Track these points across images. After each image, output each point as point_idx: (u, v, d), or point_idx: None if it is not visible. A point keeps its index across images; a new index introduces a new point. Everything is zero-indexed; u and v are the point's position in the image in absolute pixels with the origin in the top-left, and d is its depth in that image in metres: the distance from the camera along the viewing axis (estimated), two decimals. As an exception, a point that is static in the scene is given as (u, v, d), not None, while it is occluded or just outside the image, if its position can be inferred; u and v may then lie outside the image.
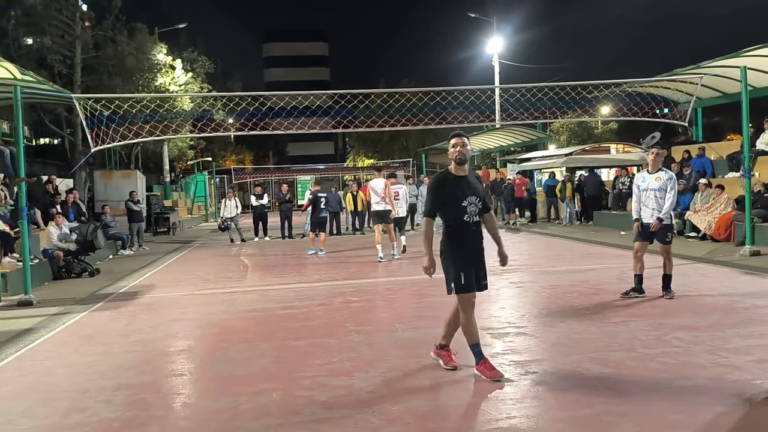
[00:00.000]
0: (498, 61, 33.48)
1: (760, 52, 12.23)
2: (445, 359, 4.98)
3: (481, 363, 4.73)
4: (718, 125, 46.25)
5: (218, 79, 38.89)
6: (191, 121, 23.63)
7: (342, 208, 19.58)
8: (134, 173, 23.08)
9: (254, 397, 4.49)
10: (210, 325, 7.06)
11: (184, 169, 41.99)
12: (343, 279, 10.17)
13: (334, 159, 72.91)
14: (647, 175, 7.47)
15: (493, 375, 4.65)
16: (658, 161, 7.47)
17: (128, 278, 11.28)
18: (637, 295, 7.49)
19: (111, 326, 7.23)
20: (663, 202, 7.32)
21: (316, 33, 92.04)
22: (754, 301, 6.96)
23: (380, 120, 13.46)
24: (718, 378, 4.50)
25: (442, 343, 5.05)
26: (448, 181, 4.83)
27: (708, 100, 17.88)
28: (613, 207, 18.39)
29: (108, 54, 23.61)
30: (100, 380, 5.07)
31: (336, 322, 6.85)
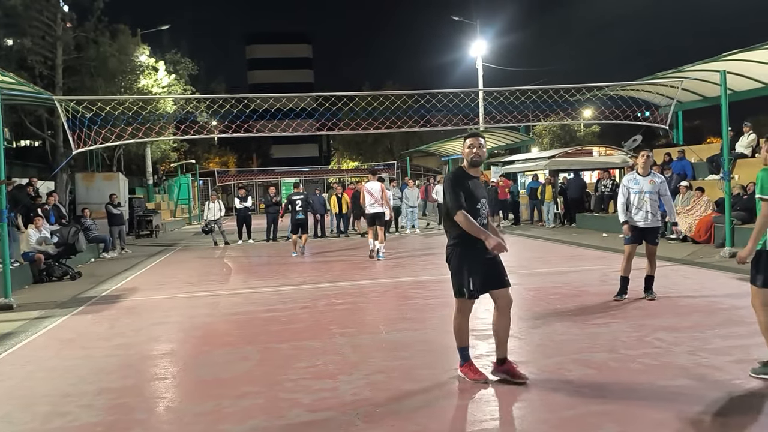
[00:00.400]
0: (481, 64, 33.64)
1: (739, 57, 12.43)
2: (512, 373, 4.61)
3: (466, 365, 4.72)
4: (698, 128, 46.83)
5: (202, 81, 38.73)
6: (174, 124, 23.47)
7: (327, 211, 19.57)
8: (116, 176, 22.86)
9: (237, 401, 4.47)
10: (193, 328, 7.01)
11: (167, 171, 41.69)
12: (327, 281, 10.16)
13: (318, 161, 72.79)
14: (639, 178, 7.47)
15: (477, 378, 4.65)
16: (648, 163, 7.53)
17: (110, 281, 11.18)
18: (625, 296, 7.51)
19: (93, 330, 7.15)
20: (656, 204, 7.39)
21: (300, 35, 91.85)
22: (733, 302, 7.06)
23: (364, 122, 13.48)
24: (698, 378, 4.56)
25: (500, 357, 4.70)
26: (466, 179, 4.64)
27: (688, 103, 18.12)
28: (595, 209, 18.56)
29: (90, 55, 23.36)
30: (81, 384, 5.01)
31: (320, 325, 6.84)
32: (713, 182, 14.43)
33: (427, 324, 6.67)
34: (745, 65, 13.33)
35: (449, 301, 7.96)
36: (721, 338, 5.58)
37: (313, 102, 32.77)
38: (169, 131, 22.33)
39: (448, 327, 6.47)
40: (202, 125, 21.51)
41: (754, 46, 11.93)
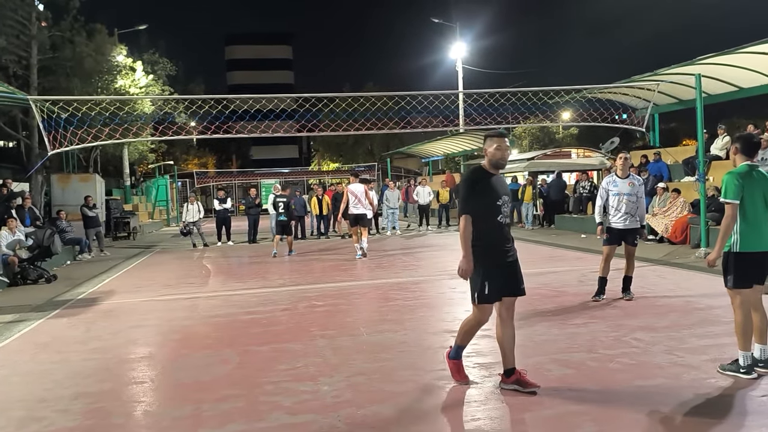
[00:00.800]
0: (461, 66, 33.81)
1: (713, 60, 12.65)
2: (523, 382, 4.43)
3: (455, 363, 4.65)
4: (674, 131, 47.46)
5: (180, 82, 38.38)
6: (152, 124, 23.23)
7: (307, 212, 19.51)
8: (93, 177, 22.55)
9: (217, 404, 4.43)
10: (171, 331, 6.94)
11: (145, 172, 41.25)
12: (307, 283, 10.12)
13: (298, 163, 72.61)
14: (618, 180, 7.57)
15: (460, 379, 4.63)
16: (626, 165, 7.63)
17: (87, 284, 11.02)
18: (603, 297, 7.59)
19: (69, 333, 7.04)
20: (635, 206, 7.49)
21: (279, 36, 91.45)
22: (709, 302, 7.17)
23: (345, 124, 13.48)
24: (675, 377, 4.62)
25: (508, 369, 4.50)
26: (485, 178, 4.46)
27: (664, 106, 18.39)
28: (573, 211, 18.74)
29: (66, 55, 23.02)
30: (57, 389, 4.94)
31: (300, 327, 6.81)
32: (689, 184, 14.65)
33: (407, 325, 6.67)
34: (720, 69, 13.58)
35: (429, 302, 8.02)
36: (696, 337, 5.67)
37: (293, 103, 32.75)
38: (147, 132, 22.12)
39: (428, 328, 6.51)
40: (181, 126, 21.30)
41: (727, 51, 12.17)
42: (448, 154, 33.08)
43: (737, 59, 12.82)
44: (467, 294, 8.62)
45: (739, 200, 4.52)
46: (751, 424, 3.73)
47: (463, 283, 9.55)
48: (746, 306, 4.56)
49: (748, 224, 4.53)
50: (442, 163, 39.39)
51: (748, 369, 4.51)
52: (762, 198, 4.56)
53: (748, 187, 4.53)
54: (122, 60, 26.99)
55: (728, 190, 4.56)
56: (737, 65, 13.19)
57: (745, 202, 4.53)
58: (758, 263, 4.58)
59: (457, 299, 8.22)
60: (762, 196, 4.57)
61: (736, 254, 4.56)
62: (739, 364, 4.55)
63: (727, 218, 4.53)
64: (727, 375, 4.56)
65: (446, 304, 7.97)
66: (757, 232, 4.54)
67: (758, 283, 4.63)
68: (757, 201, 4.55)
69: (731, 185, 4.55)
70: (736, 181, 4.54)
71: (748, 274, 4.56)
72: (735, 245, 4.56)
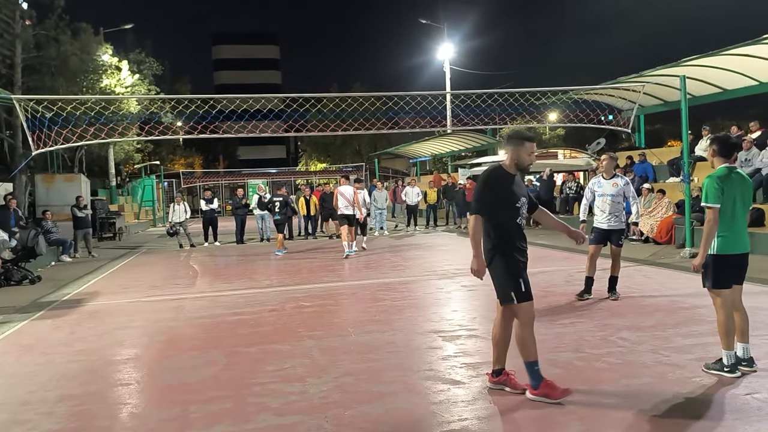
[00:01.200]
0: (449, 67, 33.89)
1: (698, 62, 12.77)
2: (511, 384, 4.41)
3: (543, 385, 4.20)
4: (659, 132, 47.94)
5: (166, 81, 38.14)
6: (138, 124, 23.06)
7: (294, 213, 19.45)
8: (78, 177, 22.34)
9: (204, 406, 4.41)
10: (158, 332, 6.89)
11: (131, 172, 40.94)
12: (295, 284, 10.10)
13: (286, 163, 72.41)
14: (603, 181, 7.66)
15: (562, 395, 4.16)
16: (611, 166, 7.69)
17: (72, 285, 10.92)
18: (589, 296, 7.66)
19: (53, 335, 6.97)
20: (619, 207, 7.56)
21: (267, 36, 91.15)
22: (694, 301, 7.23)
23: (332, 124, 13.47)
24: (660, 376, 4.66)
25: (497, 368, 4.46)
26: (505, 178, 4.35)
27: (650, 107, 18.54)
28: (560, 211, 18.83)
29: (50, 54, 22.78)
30: (41, 391, 4.89)
31: (288, 328, 6.79)
32: (674, 184, 14.78)
33: (395, 326, 6.68)
34: (704, 71, 13.72)
35: (417, 302, 8.03)
36: (682, 336, 5.72)
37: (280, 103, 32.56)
38: (133, 132, 21.93)
39: (416, 329, 6.52)
40: (167, 126, 21.17)
41: (711, 53, 12.29)
42: (436, 154, 33.17)
43: (721, 61, 12.96)
44: (453, 293, 8.67)
45: (719, 204, 4.55)
46: (736, 422, 3.77)
47: (450, 282, 9.62)
48: (728, 306, 4.62)
49: (727, 227, 4.59)
50: (430, 164, 39.48)
51: (732, 368, 4.56)
52: (741, 200, 4.62)
53: (727, 190, 4.57)
54: (108, 59, 26.75)
55: (709, 194, 4.59)
56: (721, 67, 13.34)
57: (725, 205, 4.57)
58: (736, 265, 4.66)
59: (443, 299, 8.25)
60: (741, 198, 4.62)
61: (714, 256, 4.62)
62: (723, 363, 4.60)
63: (709, 222, 4.59)
64: (712, 374, 4.61)
65: (434, 304, 7.98)
66: (735, 234, 4.60)
67: (737, 284, 4.70)
68: (735, 204, 4.60)
69: (711, 189, 4.58)
70: (715, 185, 4.57)
71: (727, 276, 4.63)
72: (714, 248, 4.61)
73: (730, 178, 4.61)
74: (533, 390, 4.21)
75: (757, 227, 11.53)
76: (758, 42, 11.33)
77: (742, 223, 4.65)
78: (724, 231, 4.59)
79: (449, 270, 10.91)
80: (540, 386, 4.18)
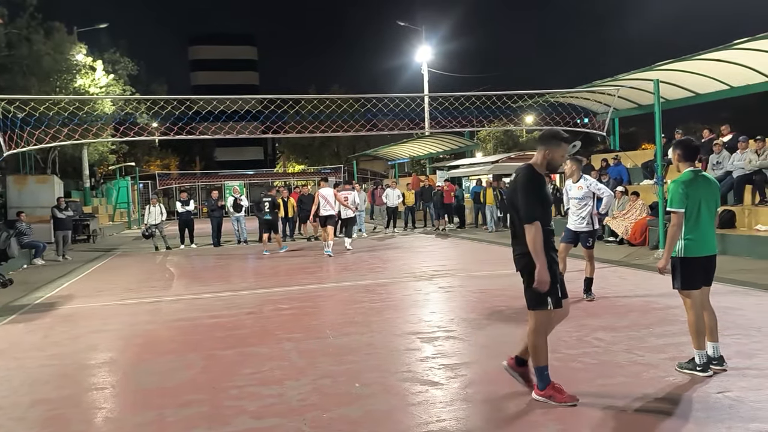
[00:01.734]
0: (427, 69, 34.01)
1: (671, 67, 12.99)
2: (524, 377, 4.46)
3: (549, 387, 4.19)
4: (633, 135, 48.65)
5: (142, 82, 37.67)
6: (113, 125, 22.77)
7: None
8: (51, 178, 22.00)
9: (180, 409, 4.36)
10: (133, 335, 6.81)
11: (106, 174, 40.38)
12: (272, 286, 10.05)
13: (263, 165, 72.00)
14: (571, 184, 7.83)
15: (568, 400, 4.13)
16: (574, 169, 7.77)
17: (44, 289, 10.73)
18: None
19: (26, 339, 6.85)
20: (587, 209, 7.66)
21: (245, 36, 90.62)
22: (667, 302, 7.35)
23: (311, 125, 13.43)
24: (634, 376, 4.73)
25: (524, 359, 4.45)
26: (542, 180, 4.20)
27: (624, 111, 18.80)
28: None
29: (22, 53, 22.40)
30: (13, 396, 4.80)
31: (266, 330, 6.76)
32: (647, 187, 15.00)
33: (373, 327, 6.68)
34: (677, 75, 13.96)
35: (396, 304, 8.05)
36: (655, 337, 5.81)
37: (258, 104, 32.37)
38: (108, 133, 21.66)
39: (395, 330, 6.53)
40: (143, 127, 20.91)
41: (684, 57, 12.51)
42: (414, 156, 33.23)
43: (694, 66, 13.19)
44: (432, 294, 8.70)
45: (684, 209, 4.64)
46: (708, 420, 3.84)
47: (429, 284, 9.65)
48: (697, 307, 4.71)
49: (692, 230, 4.67)
50: (408, 166, 39.56)
51: (704, 367, 4.64)
52: (706, 203, 4.71)
53: (692, 194, 4.65)
54: (82, 59, 26.37)
55: (673, 199, 4.68)
56: (694, 71, 13.57)
57: (689, 208, 4.65)
58: (704, 267, 4.75)
59: (422, 300, 8.28)
60: (706, 201, 4.70)
61: (682, 259, 4.71)
62: (695, 363, 4.68)
63: (673, 227, 4.67)
64: (685, 373, 4.69)
65: (412, 305, 8.00)
66: (701, 237, 4.69)
67: (705, 285, 4.81)
68: (701, 207, 4.68)
69: (676, 194, 4.67)
70: (680, 190, 4.66)
71: (695, 278, 4.72)
72: (681, 251, 4.70)
73: (696, 182, 4.70)
74: (539, 391, 4.22)
75: (729, 229, 11.77)
76: (730, 47, 11.57)
77: (709, 225, 4.72)
78: (690, 234, 4.68)
79: (427, 272, 10.95)
80: (546, 388, 4.18)
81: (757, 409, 3.97)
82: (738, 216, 12.03)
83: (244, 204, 19.37)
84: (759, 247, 10.57)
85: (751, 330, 5.92)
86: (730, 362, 4.85)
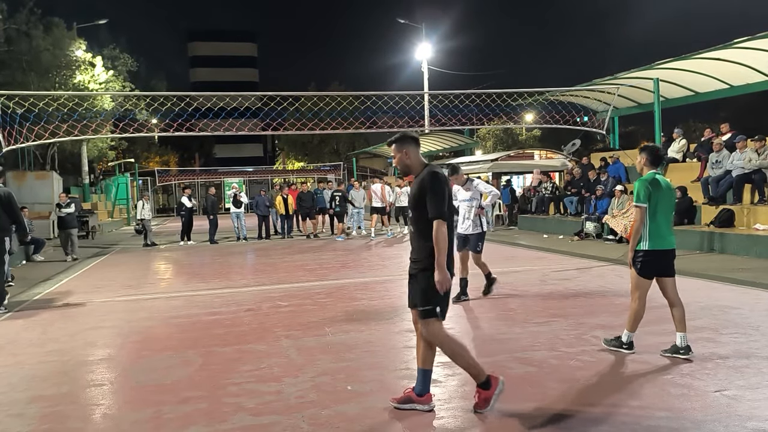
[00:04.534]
0: (427, 67, 33.97)
1: (671, 65, 12.99)
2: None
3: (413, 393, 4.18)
4: (633, 134, 48.62)
5: (141, 78, 37.64)
6: (112, 121, 22.75)
7: (270, 212, 19.34)
8: (50, 174, 21.96)
9: (179, 406, 4.36)
10: (132, 332, 6.81)
11: (105, 170, 40.35)
12: (271, 283, 10.05)
13: (263, 162, 71.84)
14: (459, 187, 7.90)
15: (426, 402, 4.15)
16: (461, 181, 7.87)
17: (43, 285, 10.73)
18: (465, 298, 7.82)
19: (24, 336, 6.85)
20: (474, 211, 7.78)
21: (244, 33, 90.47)
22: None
23: (310, 123, 13.42)
24: (632, 374, 4.74)
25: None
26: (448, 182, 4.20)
27: (624, 109, 18.80)
28: (536, 211, 19.02)
29: (21, 49, 22.36)
30: (11, 393, 4.80)
31: (264, 328, 6.76)
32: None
33: (372, 325, 6.68)
34: (676, 74, 13.96)
35: (394, 302, 8.05)
36: (652, 335, 5.81)
37: (257, 101, 32.32)
38: (107, 129, 21.63)
39: (393, 328, 6.54)
40: (142, 123, 20.90)
41: (684, 56, 12.51)
42: (414, 154, 33.22)
43: (693, 64, 13.20)
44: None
45: (647, 204, 5.09)
46: (706, 418, 3.84)
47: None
48: (643, 297, 5.22)
49: (653, 225, 5.10)
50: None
51: (629, 345, 5.28)
52: (662, 204, 5.12)
53: (654, 193, 5.09)
54: (81, 55, 26.31)
55: (640, 194, 5.11)
56: (693, 70, 13.58)
57: (651, 205, 5.09)
58: (661, 259, 5.15)
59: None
60: (663, 203, 5.12)
61: (645, 251, 5.13)
62: (621, 341, 5.31)
63: (637, 221, 5.13)
64: (611, 350, 5.27)
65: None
66: (660, 233, 5.11)
67: (666, 276, 5.21)
68: (658, 207, 5.10)
69: (642, 191, 5.10)
70: (645, 188, 5.09)
71: (651, 268, 5.15)
72: (644, 243, 5.13)
73: (657, 183, 5.13)
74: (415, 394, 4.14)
75: (728, 228, 11.77)
76: (729, 46, 11.57)
77: (665, 223, 5.15)
78: (653, 229, 5.10)
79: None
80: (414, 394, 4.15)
81: (754, 407, 3.98)
82: (737, 215, 12.03)
83: (244, 201, 19.37)
84: (757, 246, 10.58)
85: (749, 329, 5.93)
86: (728, 361, 4.87)
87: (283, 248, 15.86)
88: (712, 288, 8.14)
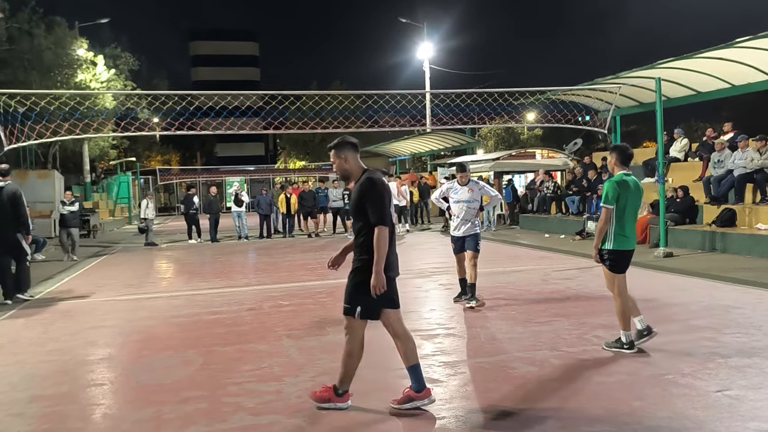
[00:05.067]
0: (428, 66, 33.94)
1: (673, 65, 12.94)
2: None
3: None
4: (634, 133, 48.49)
5: (143, 77, 37.64)
6: (114, 120, 22.74)
7: (272, 210, 19.33)
8: (52, 173, 21.96)
9: (179, 406, 4.36)
10: (133, 332, 6.80)
11: (106, 169, 40.36)
12: (273, 282, 10.04)
13: (264, 161, 71.82)
14: (458, 187, 7.63)
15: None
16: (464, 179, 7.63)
17: (44, 284, 10.72)
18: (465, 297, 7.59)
19: (24, 335, 6.85)
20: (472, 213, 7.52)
21: (246, 32, 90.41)
22: (666, 300, 7.34)
23: (312, 122, 13.40)
24: (633, 373, 4.72)
25: None
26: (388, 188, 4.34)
27: (626, 108, 18.72)
28: (538, 210, 18.99)
29: (23, 48, 22.35)
30: (12, 392, 4.79)
31: (265, 327, 6.75)
32: (648, 185, 14.93)
33: (372, 324, 6.65)
34: (679, 73, 13.90)
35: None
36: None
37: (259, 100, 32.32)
38: (109, 128, 21.62)
39: (394, 327, 6.51)
40: (144, 122, 20.89)
41: (686, 55, 12.46)
42: (415, 153, 33.20)
43: (695, 64, 13.14)
44: (431, 292, 8.70)
45: (614, 206, 5.21)
46: (707, 419, 3.83)
47: (428, 282, 9.64)
48: (624, 292, 5.35)
49: (623, 227, 5.26)
50: (409, 162, 39.50)
51: (630, 345, 5.25)
52: (631, 205, 5.27)
53: (623, 194, 5.22)
54: (83, 54, 26.32)
55: (608, 196, 5.24)
56: (695, 70, 13.52)
57: (619, 207, 5.21)
58: (625, 258, 5.37)
59: (422, 298, 8.27)
60: (631, 203, 5.26)
61: (609, 251, 5.30)
62: (622, 342, 5.27)
63: (602, 221, 5.27)
64: (612, 351, 5.25)
65: (412, 303, 7.99)
66: (629, 233, 5.29)
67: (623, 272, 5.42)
68: (627, 207, 5.24)
69: (611, 192, 5.22)
70: (613, 189, 5.22)
71: (624, 265, 5.39)
72: (609, 243, 5.28)
73: (626, 183, 5.26)
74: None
75: (729, 227, 11.74)
76: (732, 46, 11.52)
77: (631, 224, 5.30)
78: (621, 230, 5.25)
79: (427, 269, 10.94)
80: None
81: (756, 408, 3.96)
82: (739, 214, 11.99)
83: (245, 199, 19.37)
84: (759, 246, 10.55)
85: (751, 328, 5.91)
86: (730, 361, 4.86)
87: (284, 247, 15.85)
88: (714, 287, 8.12)
